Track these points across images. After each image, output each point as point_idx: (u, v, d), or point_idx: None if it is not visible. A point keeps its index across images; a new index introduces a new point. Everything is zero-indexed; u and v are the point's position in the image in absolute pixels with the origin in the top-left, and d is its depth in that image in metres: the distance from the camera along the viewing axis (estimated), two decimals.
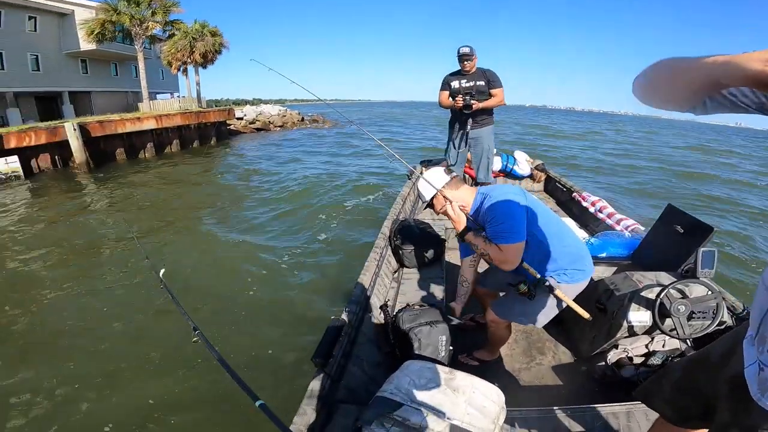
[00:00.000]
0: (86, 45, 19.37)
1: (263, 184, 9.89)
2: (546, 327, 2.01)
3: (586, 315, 1.73)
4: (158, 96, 24.37)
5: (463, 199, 1.80)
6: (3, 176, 10.06)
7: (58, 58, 19.92)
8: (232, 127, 21.71)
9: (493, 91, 3.66)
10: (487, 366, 2.13)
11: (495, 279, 2.13)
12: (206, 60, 21.01)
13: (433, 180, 1.81)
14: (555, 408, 1.60)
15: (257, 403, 1.01)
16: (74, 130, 11.81)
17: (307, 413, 1.48)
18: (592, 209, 4.01)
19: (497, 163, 5.34)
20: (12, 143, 10.55)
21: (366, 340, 2.08)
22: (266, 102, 46.17)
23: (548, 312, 1.80)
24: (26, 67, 18.44)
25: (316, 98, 2.85)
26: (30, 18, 18.40)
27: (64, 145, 11.80)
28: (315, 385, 1.60)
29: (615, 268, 2.57)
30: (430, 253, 2.93)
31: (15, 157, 10.34)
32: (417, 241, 2.96)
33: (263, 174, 11.14)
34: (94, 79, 22.10)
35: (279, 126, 25.18)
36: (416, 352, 1.85)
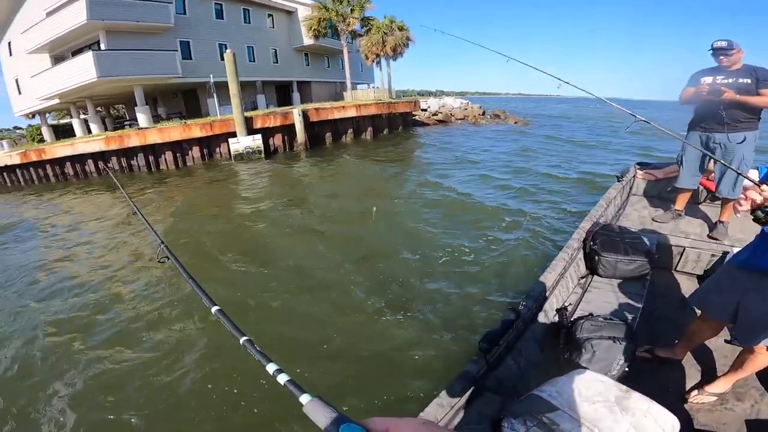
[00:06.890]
0: (307, 40, 22.92)
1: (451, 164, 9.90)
2: None
3: None
4: (358, 86, 27.23)
5: None
6: (250, 150, 12.67)
7: (288, 52, 24.01)
8: (416, 117, 22.65)
9: (763, 91, 3.01)
10: (667, 375, 1.98)
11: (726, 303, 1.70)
12: (396, 53, 23.79)
13: None
14: None
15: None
16: (299, 115, 14.05)
17: (454, 392, 1.54)
18: None
19: (753, 177, 4.08)
20: (258, 124, 13.18)
21: (532, 337, 2.08)
22: (448, 94, 47.08)
23: None
24: (269, 59, 22.81)
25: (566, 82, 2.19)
26: (269, 15, 22.48)
27: (291, 127, 14.16)
28: (471, 368, 1.66)
29: None
30: (632, 266, 2.68)
31: (259, 135, 12.89)
32: (619, 249, 2.73)
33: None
34: (313, 70, 26.00)
35: (460, 119, 25.11)
36: (584, 363, 1.79)
